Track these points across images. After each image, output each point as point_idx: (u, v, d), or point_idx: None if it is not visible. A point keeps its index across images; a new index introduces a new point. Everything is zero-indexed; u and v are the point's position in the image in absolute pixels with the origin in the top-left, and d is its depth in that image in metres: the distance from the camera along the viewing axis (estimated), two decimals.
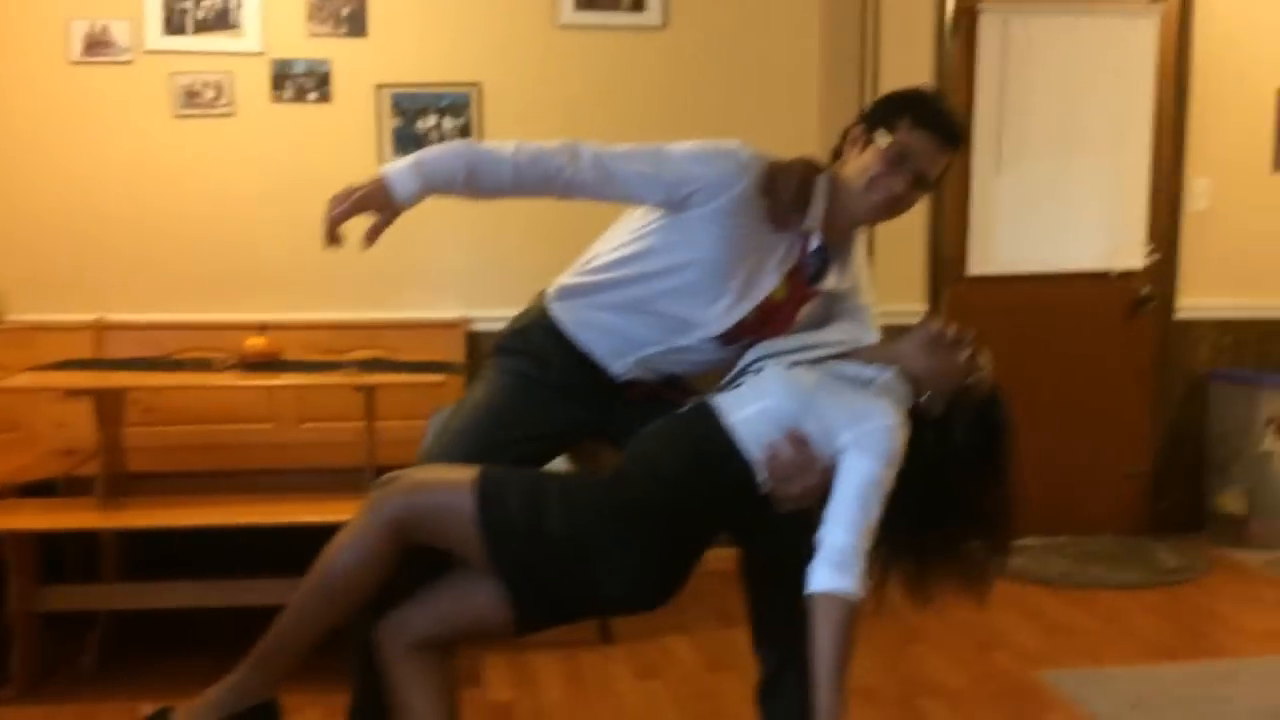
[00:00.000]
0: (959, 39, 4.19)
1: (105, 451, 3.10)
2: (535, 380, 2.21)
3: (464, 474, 1.91)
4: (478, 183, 2.04)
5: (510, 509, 1.86)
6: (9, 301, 3.61)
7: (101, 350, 3.65)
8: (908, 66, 4.10)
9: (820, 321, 2.20)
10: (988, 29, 4.21)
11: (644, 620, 3.30)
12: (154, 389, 3.36)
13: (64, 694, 2.88)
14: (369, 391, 3.07)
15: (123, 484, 3.16)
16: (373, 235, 1.99)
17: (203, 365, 3.19)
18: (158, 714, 2.02)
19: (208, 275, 3.78)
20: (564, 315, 2.21)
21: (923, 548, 2.01)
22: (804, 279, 2.12)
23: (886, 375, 1.93)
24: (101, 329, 3.65)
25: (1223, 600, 3.70)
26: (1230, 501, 4.30)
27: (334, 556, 1.92)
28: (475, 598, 1.93)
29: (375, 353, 3.62)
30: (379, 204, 1.99)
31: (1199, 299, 4.41)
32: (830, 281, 2.15)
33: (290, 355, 3.28)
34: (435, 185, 2.02)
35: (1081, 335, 4.36)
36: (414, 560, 1.98)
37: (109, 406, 3.16)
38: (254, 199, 3.78)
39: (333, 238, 1.97)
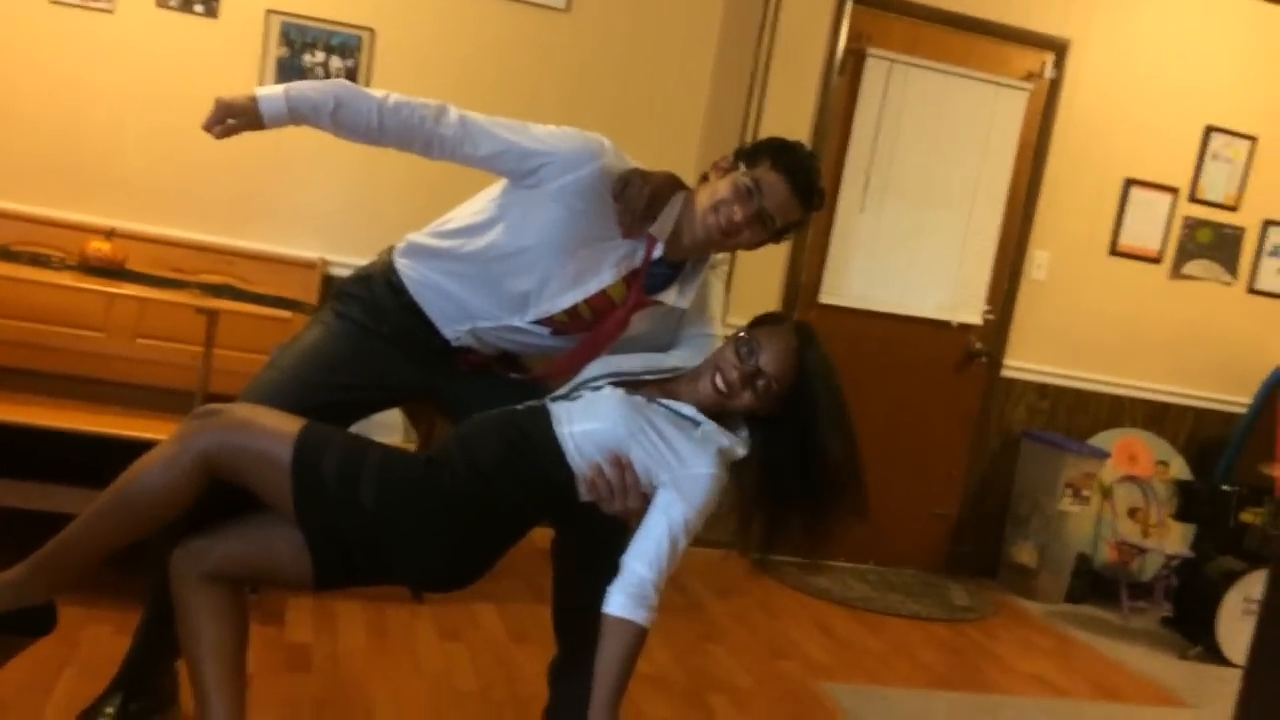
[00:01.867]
0: (845, 78, 4.36)
1: None
2: (368, 330, 2.24)
3: (288, 425, 1.91)
4: (341, 118, 2.08)
5: (325, 470, 1.87)
6: None
7: None
8: (794, 96, 4.27)
9: (664, 345, 2.25)
10: (872, 73, 4.40)
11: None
12: None
13: None
14: (212, 316, 3.02)
15: None
16: (223, 129, 2.03)
17: (40, 260, 3.08)
18: None
19: (59, 169, 3.64)
20: (407, 271, 2.24)
21: (785, 520, 2.10)
22: (641, 286, 2.18)
23: (710, 425, 1.97)
24: None
25: (1001, 641, 3.95)
26: (1024, 553, 4.59)
27: (139, 476, 1.90)
28: (276, 544, 1.92)
29: (225, 279, 3.55)
30: (242, 116, 2.03)
31: (1024, 360, 4.69)
32: (670, 297, 2.20)
33: (135, 266, 3.20)
34: (300, 113, 2.07)
35: (915, 377, 4.59)
36: (220, 493, 1.96)
37: None
38: (121, 101, 3.67)
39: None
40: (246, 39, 3.72)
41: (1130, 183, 4.70)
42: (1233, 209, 4.84)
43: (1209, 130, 4.74)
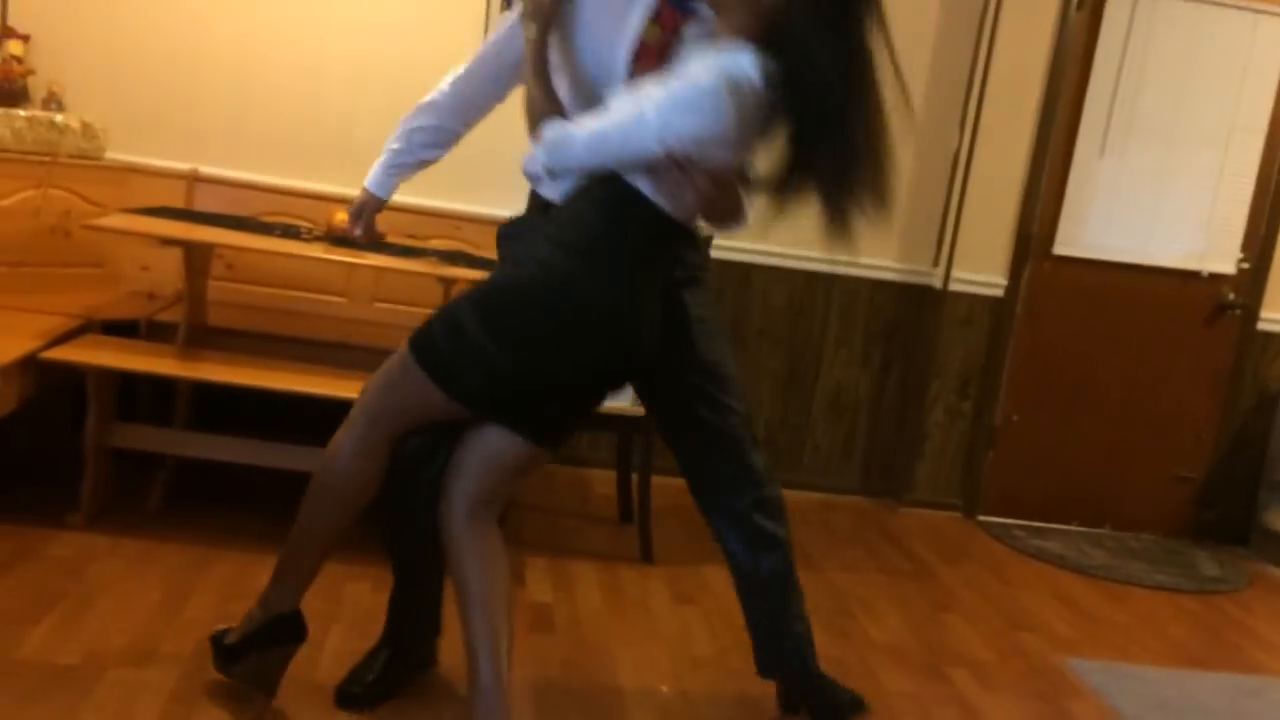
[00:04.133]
0: (1083, 13, 4.08)
1: (190, 302, 3.16)
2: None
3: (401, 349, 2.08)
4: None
5: (437, 342, 2.02)
6: (109, 139, 3.65)
7: (191, 201, 3.69)
8: (1028, 34, 4.04)
9: None
10: (1114, 9, 4.10)
11: (684, 547, 3.37)
12: (242, 249, 3.39)
13: (127, 529, 2.98)
14: (449, 284, 3.09)
15: (202, 336, 3.22)
16: None
17: (291, 232, 3.22)
18: (217, 635, 2.28)
19: (302, 143, 3.80)
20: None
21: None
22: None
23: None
24: (194, 180, 3.70)
25: (1259, 616, 3.70)
26: None
27: (330, 464, 2.12)
28: (489, 442, 2.05)
29: (455, 244, 3.64)
30: None
31: None
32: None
33: None
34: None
35: (1158, 332, 4.31)
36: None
37: (197, 259, 3.21)
38: (357, 73, 3.78)
39: None
40: (472, 3, 3.77)
41: None
42: None
43: None
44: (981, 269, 4.16)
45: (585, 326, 1.97)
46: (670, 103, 1.88)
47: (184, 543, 2.96)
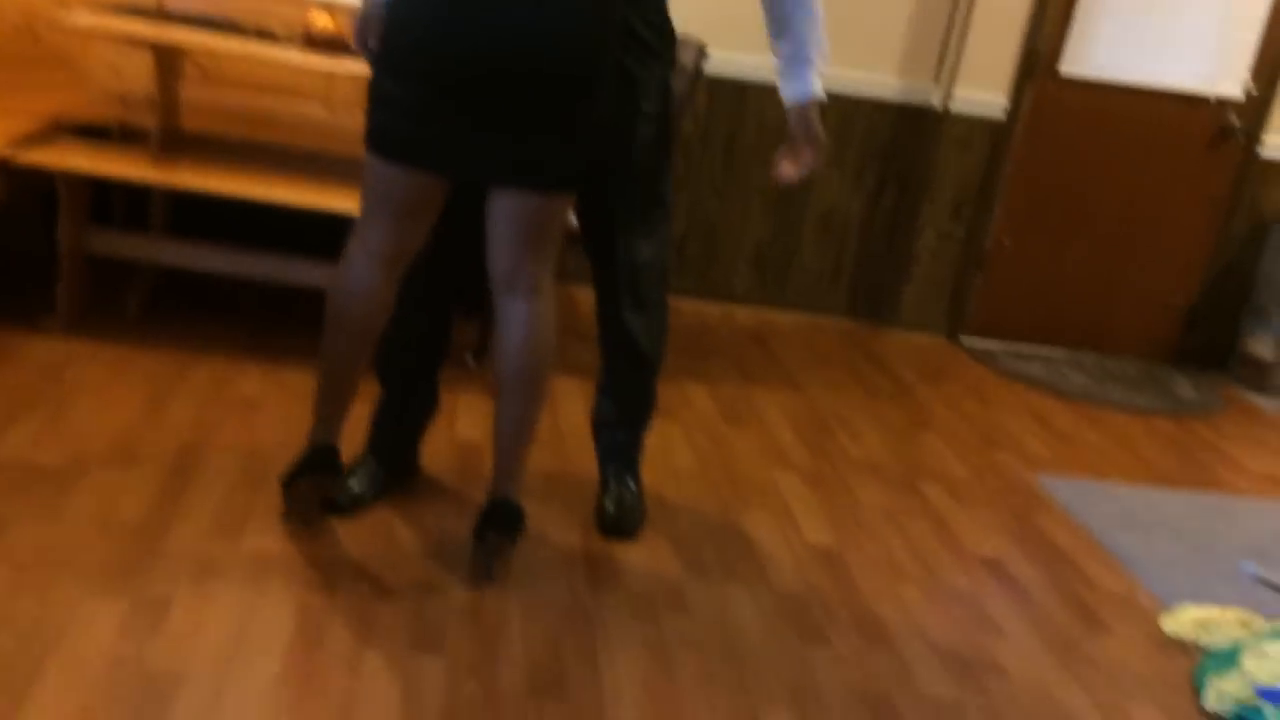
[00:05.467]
0: None
1: (162, 107, 3.07)
2: None
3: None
4: None
5: (371, 118, 2.01)
6: None
7: (163, 0, 3.54)
8: None
9: None
10: None
11: (668, 363, 3.36)
12: (215, 52, 3.27)
13: (106, 335, 2.97)
14: None
15: (176, 141, 3.14)
16: None
17: (266, 35, 3.10)
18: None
19: None
20: None
21: None
22: None
23: None
24: None
25: (1232, 439, 3.76)
26: (1260, 346, 4.30)
27: (336, 285, 2.13)
28: (494, 217, 2.07)
29: None
30: None
31: None
32: None
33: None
34: None
35: (1159, 157, 4.23)
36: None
37: (169, 61, 3.10)
38: None
39: None
40: None
41: None
42: None
43: None
44: (984, 88, 4.04)
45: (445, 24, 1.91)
46: None
47: (163, 350, 2.95)
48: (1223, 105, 4.19)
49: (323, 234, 2.86)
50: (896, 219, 4.25)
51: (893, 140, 4.16)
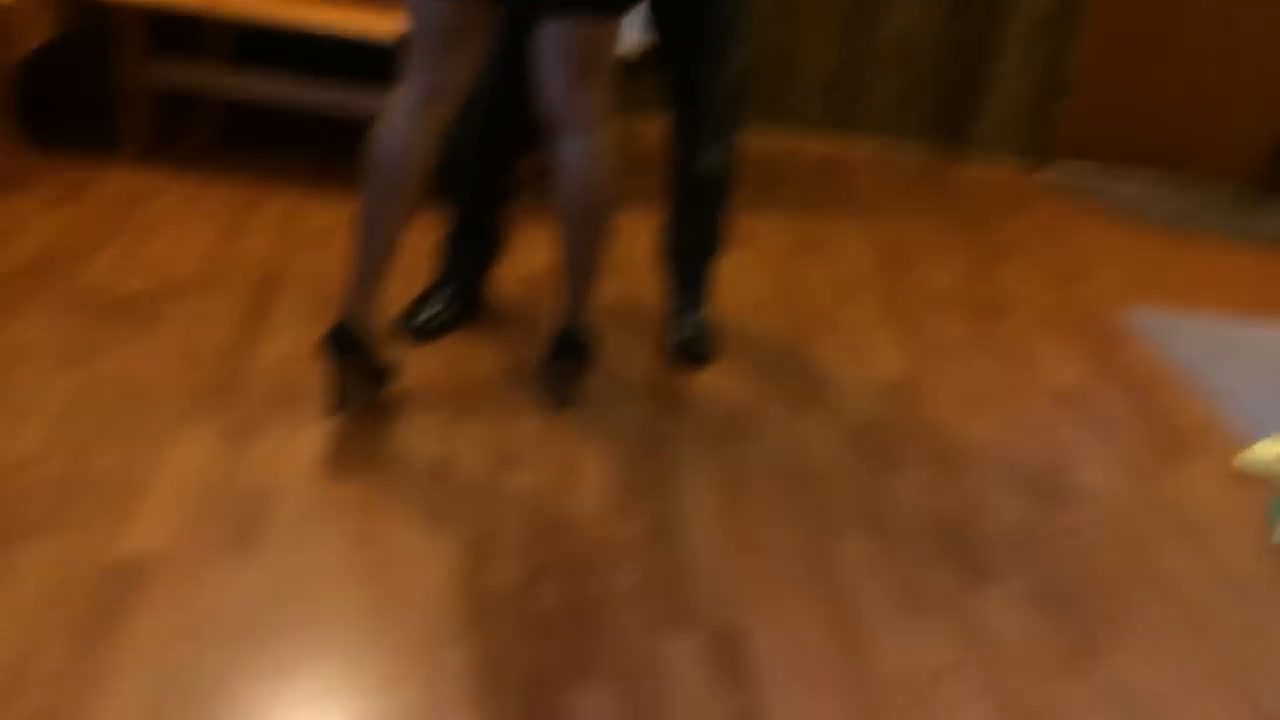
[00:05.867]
0: None
1: None
2: None
3: None
4: None
5: None
6: None
7: None
8: None
9: None
10: None
11: (741, 193, 3.30)
12: None
13: (177, 169, 2.98)
14: None
15: None
16: None
17: None
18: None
19: None
20: None
21: None
22: None
23: None
24: None
25: None
26: None
27: (377, 134, 1.98)
28: (543, 48, 1.99)
29: None
30: None
31: None
32: None
33: None
34: None
35: None
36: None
37: None
38: None
39: None
40: None
41: None
42: None
43: None
44: None
45: None
46: None
47: (234, 183, 2.96)
48: None
49: (388, 62, 2.81)
50: (977, 37, 4.06)
51: None
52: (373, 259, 2.00)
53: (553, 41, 1.97)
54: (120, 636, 1.54)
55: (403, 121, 1.96)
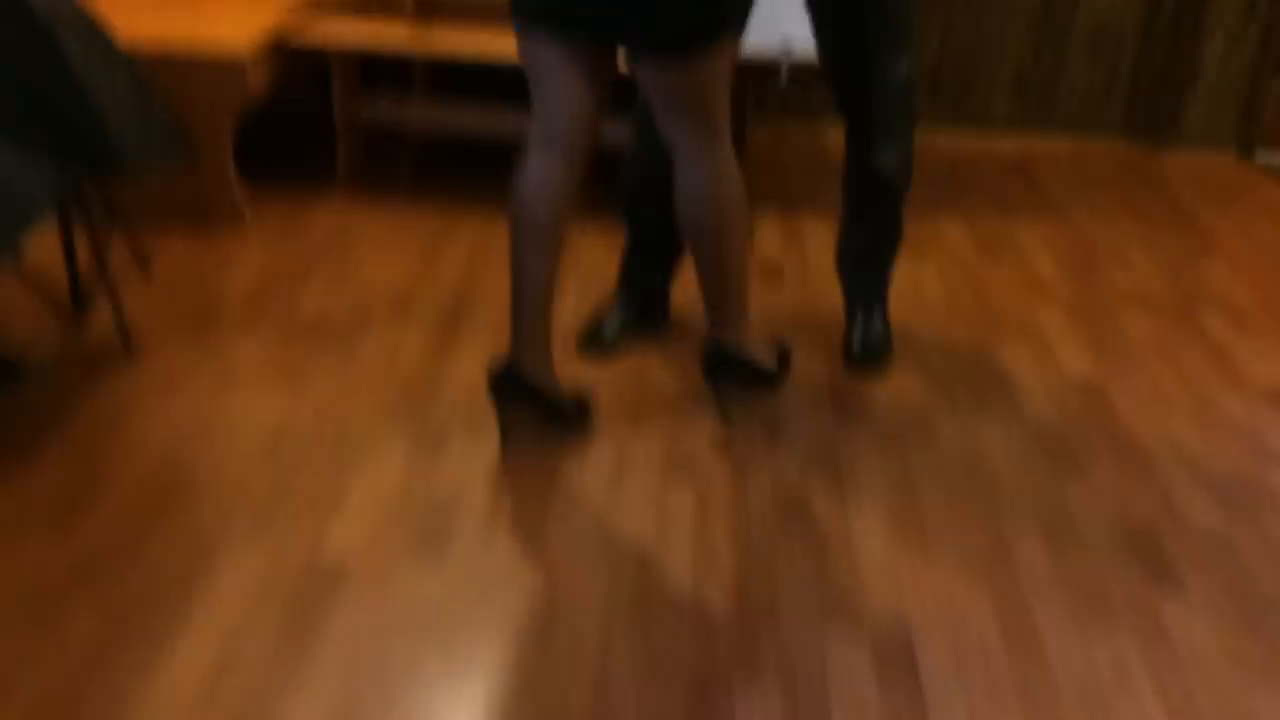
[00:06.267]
0: None
1: None
2: None
3: None
4: None
5: None
6: None
7: None
8: None
9: None
10: None
11: (921, 195, 3.27)
12: None
13: (380, 197, 3.20)
14: None
15: (431, 3, 3.27)
16: None
17: None
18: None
19: None
20: None
21: None
22: None
23: None
24: None
25: None
26: None
27: (520, 195, 2.01)
28: (644, 88, 2.00)
29: None
30: None
31: None
32: None
33: None
34: None
35: None
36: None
37: None
38: None
39: None
40: None
41: None
42: None
43: None
44: None
45: None
46: None
47: (432, 210, 3.15)
48: None
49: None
50: (1179, 23, 3.87)
51: None
52: (527, 304, 2.05)
53: (641, 77, 1.98)
54: (318, 634, 1.68)
55: (534, 168, 2.01)
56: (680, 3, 1.85)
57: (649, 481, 2.07)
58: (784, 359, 2.37)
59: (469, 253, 2.91)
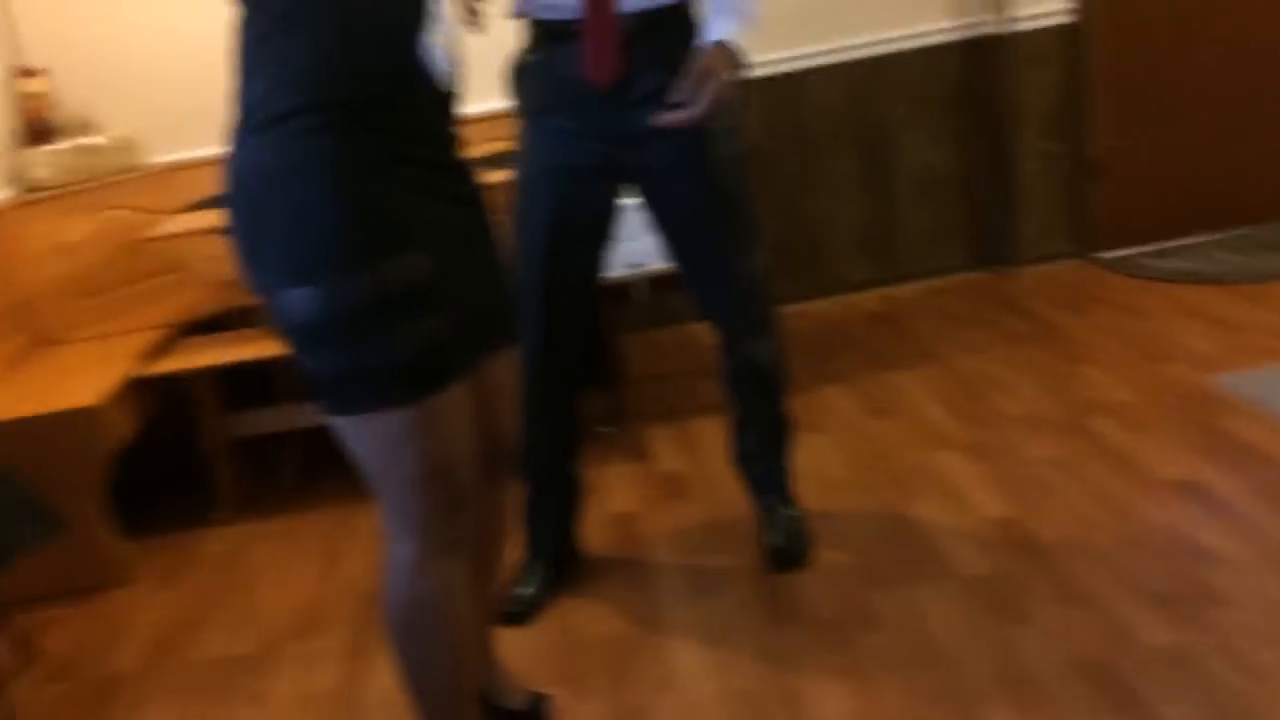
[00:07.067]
0: None
1: None
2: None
3: None
4: None
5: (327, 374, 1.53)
6: (146, 146, 3.68)
7: None
8: None
9: None
10: None
11: (800, 375, 3.31)
12: None
13: (270, 510, 3.12)
14: None
15: None
16: None
17: None
18: None
19: None
20: None
21: None
22: None
23: None
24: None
25: None
26: None
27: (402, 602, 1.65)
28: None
29: None
30: None
31: None
32: None
33: None
34: None
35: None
36: None
37: None
38: None
39: None
40: None
41: None
42: None
43: None
44: None
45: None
46: None
47: (325, 508, 3.08)
48: None
49: None
50: (992, 156, 4.10)
51: (965, 80, 4.02)
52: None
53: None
54: None
55: (446, 578, 1.61)
56: (308, 348, 1.48)
57: None
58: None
59: (371, 544, 2.83)
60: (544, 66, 2.20)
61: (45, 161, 3.44)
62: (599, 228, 2.30)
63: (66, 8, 3.61)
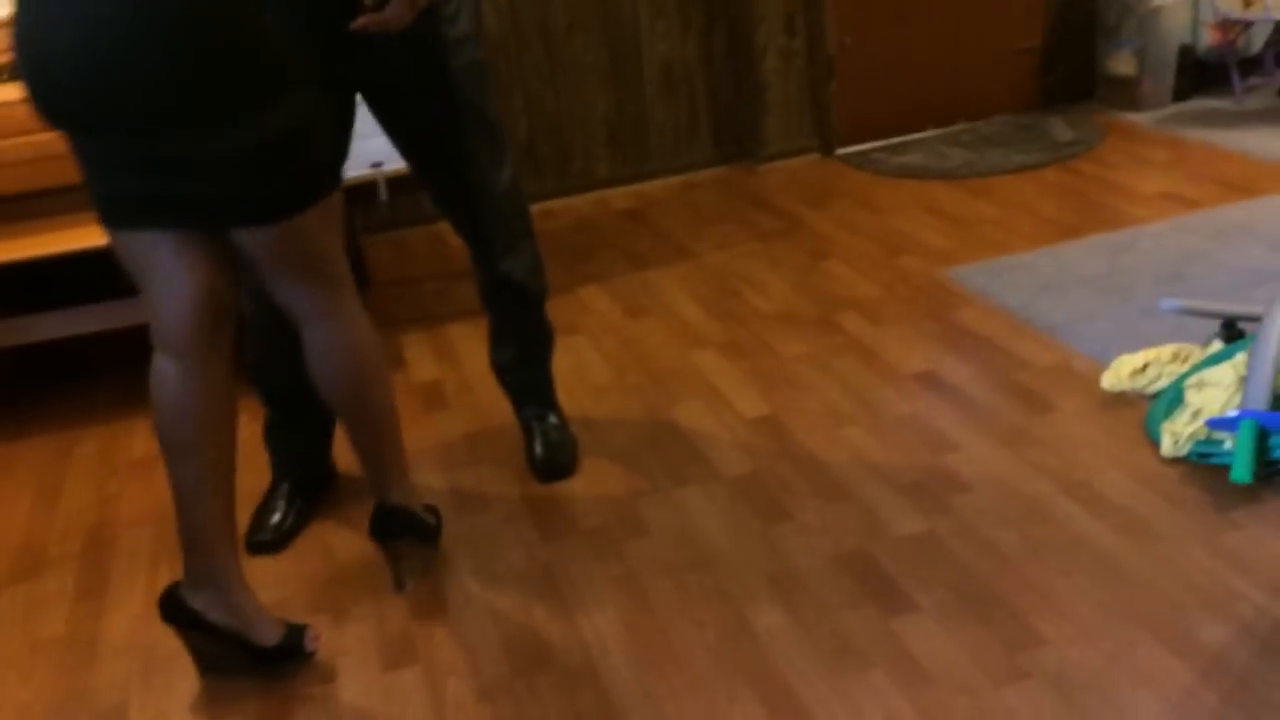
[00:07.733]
0: None
1: None
2: None
3: None
4: None
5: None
6: None
7: None
8: None
9: None
10: None
11: (556, 276, 3.26)
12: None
13: None
14: None
15: None
16: None
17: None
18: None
19: None
20: None
21: None
22: None
23: None
24: None
25: (1118, 168, 3.75)
26: (1120, 63, 4.27)
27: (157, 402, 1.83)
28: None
29: None
30: None
31: None
32: None
33: None
34: None
35: None
36: None
37: None
38: None
39: None
40: None
41: None
42: None
43: None
44: None
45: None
46: None
47: (41, 434, 2.78)
48: None
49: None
50: (735, 52, 4.11)
51: None
52: (194, 526, 1.82)
53: (248, 251, 1.80)
54: None
55: (161, 374, 1.81)
56: (279, 166, 1.71)
57: (370, 677, 1.88)
58: (436, 515, 2.20)
59: (94, 473, 2.59)
60: None
61: None
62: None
63: None
